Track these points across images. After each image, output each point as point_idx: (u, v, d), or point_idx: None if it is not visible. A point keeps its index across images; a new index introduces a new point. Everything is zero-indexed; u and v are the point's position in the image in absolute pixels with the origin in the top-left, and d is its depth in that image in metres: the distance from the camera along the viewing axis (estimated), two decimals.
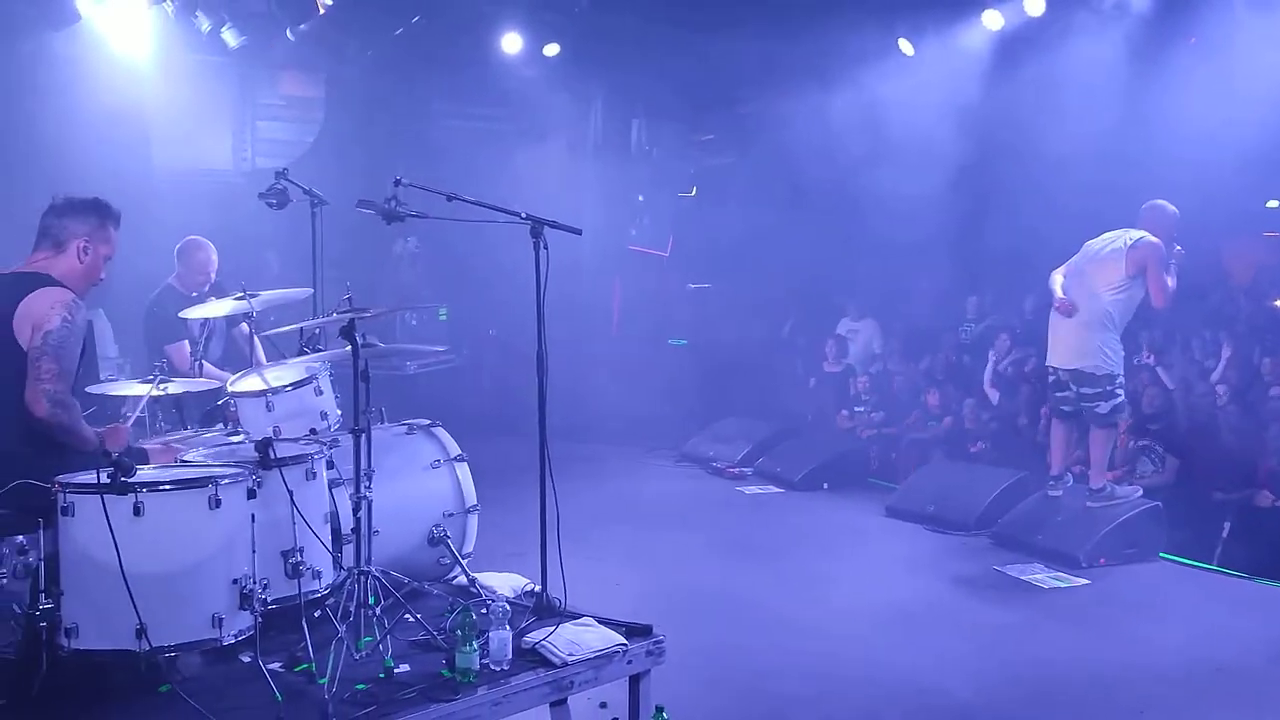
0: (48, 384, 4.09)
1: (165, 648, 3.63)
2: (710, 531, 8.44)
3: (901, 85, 10.61)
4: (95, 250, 4.40)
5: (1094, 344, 7.49)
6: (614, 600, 5.92)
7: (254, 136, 11.97)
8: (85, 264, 4.38)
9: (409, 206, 4.67)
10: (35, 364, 4.09)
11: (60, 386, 4.12)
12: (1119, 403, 7.58)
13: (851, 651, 5.78)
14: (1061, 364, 7.71)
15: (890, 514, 8.85)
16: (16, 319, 4.12)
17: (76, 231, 4.36)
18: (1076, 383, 7.61)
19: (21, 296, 4.15)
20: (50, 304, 4.16)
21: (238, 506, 3.84)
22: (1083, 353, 7.54)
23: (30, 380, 4.09)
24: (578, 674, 4.14)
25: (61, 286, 4.26)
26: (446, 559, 5.06)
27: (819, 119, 10.72)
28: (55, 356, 4.12)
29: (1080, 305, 7.53)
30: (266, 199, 5.91)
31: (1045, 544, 7.53)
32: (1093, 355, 7.50)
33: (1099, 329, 7.48)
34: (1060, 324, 7.69)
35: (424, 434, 5.29)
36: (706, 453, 11.10)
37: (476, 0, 11.07)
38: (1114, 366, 7.52)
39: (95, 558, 3.57)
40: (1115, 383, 7.53)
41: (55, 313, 4.15)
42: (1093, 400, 7.54)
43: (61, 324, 4.14)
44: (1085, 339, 7.53)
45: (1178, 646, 5.91)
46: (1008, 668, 5.61)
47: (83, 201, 4.43)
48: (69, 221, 4.37)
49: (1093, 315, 7.49)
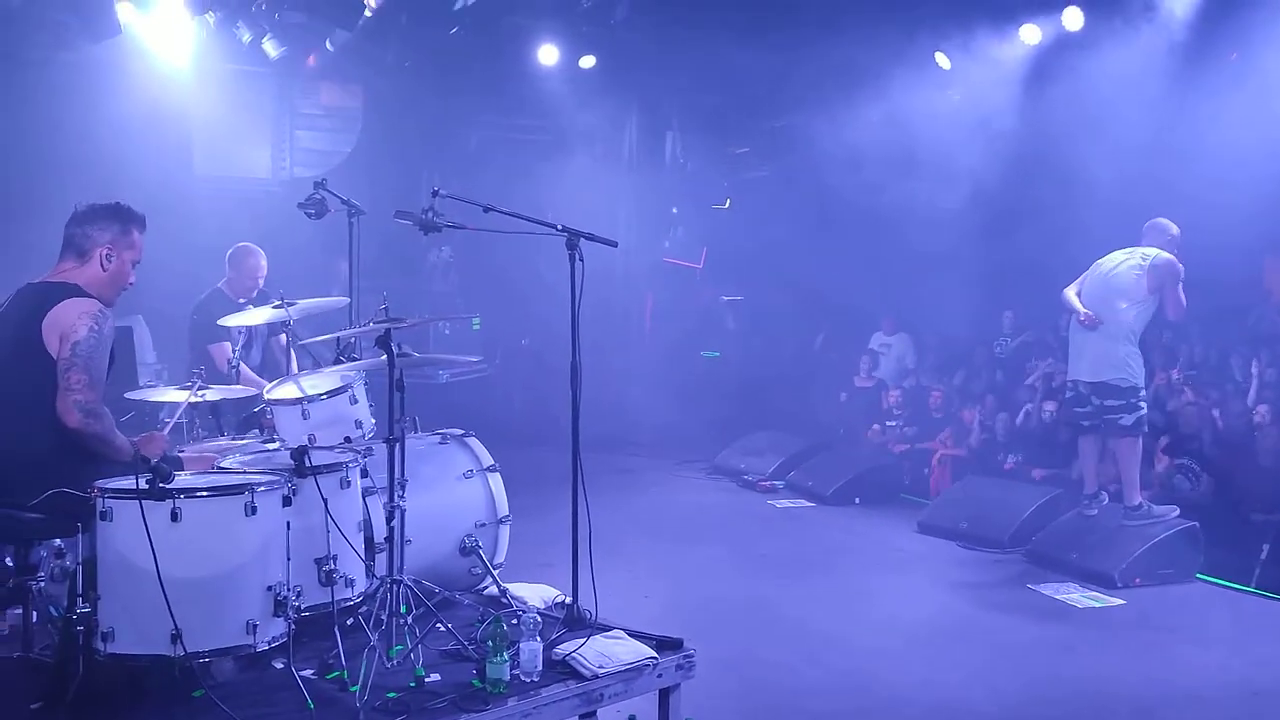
0: (78, 394, 4.11)
1: (200, 653, 3.64)
2: (741, 545, 8.42)
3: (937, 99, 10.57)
4: (119, 256, 4.38)
5: (1119, 356, 7.54)
6: (643, 612, 5.93)
7: (293, 146, 12.09)
8: (110, 271, 4.36)
9: (445, 217, 4.69)
10: (65, 375, 4.11)
11: (91, 396, 4.14)
12: (1142, 415, 7.58)
13: (884, 669, 5.73)
14: (1087, 377, 7.71)
15: (922, 530, 8.79)
16: (45, 329, 4.14)
17: (99, 239, 4.35)
18: (1099, 395, 7.62)
19: (49, 307, 4.17)
20: (77, 314, 4.17)
21: (273, 514, 3.86)
22: (1109, 365, 7.57)
23: (61, 391, 4.11)
24: (608, 687, 4.13)
25: (89, 296, 4.25)
26: (478, 569, 5.08)
27: (853, 132, 10.68)
28: (84, 367, 4.13)
29: (1104, 319, 7.55)
30: (305, 209, 5.96)
31: (1080, 563, 7.46)
32: (1118, 367, 7.54)
33: (1123, 341, 7.54)
34: (1084, 338, 7.73)
35: (457, 444, 5.31)
36: (738, 465, 11.08)
37: (513, 13, 11.13)
38: (1137, 379, 7.57)
39: (132, 563, 3.59)
40: (1139, 395, 7.57)
41: (82, 323, 4.15)
42: (1116, 412, 7.54)
43: (89, 334, 4.15)
44: (1110, 351, 7.57)
45: (1214, 669, 5.83)
46: (1041, 688, 5.54)
47: (104, 208, 4.41)
48: (91, 229, 4.35)
49: (1117, 329, 7.54)
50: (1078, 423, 7.88)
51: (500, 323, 13.30)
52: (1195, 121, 8.86)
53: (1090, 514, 7.81)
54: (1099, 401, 7.63)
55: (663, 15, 10.77)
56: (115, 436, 4.18)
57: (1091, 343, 7.67)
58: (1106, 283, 7.67)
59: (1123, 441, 7.60)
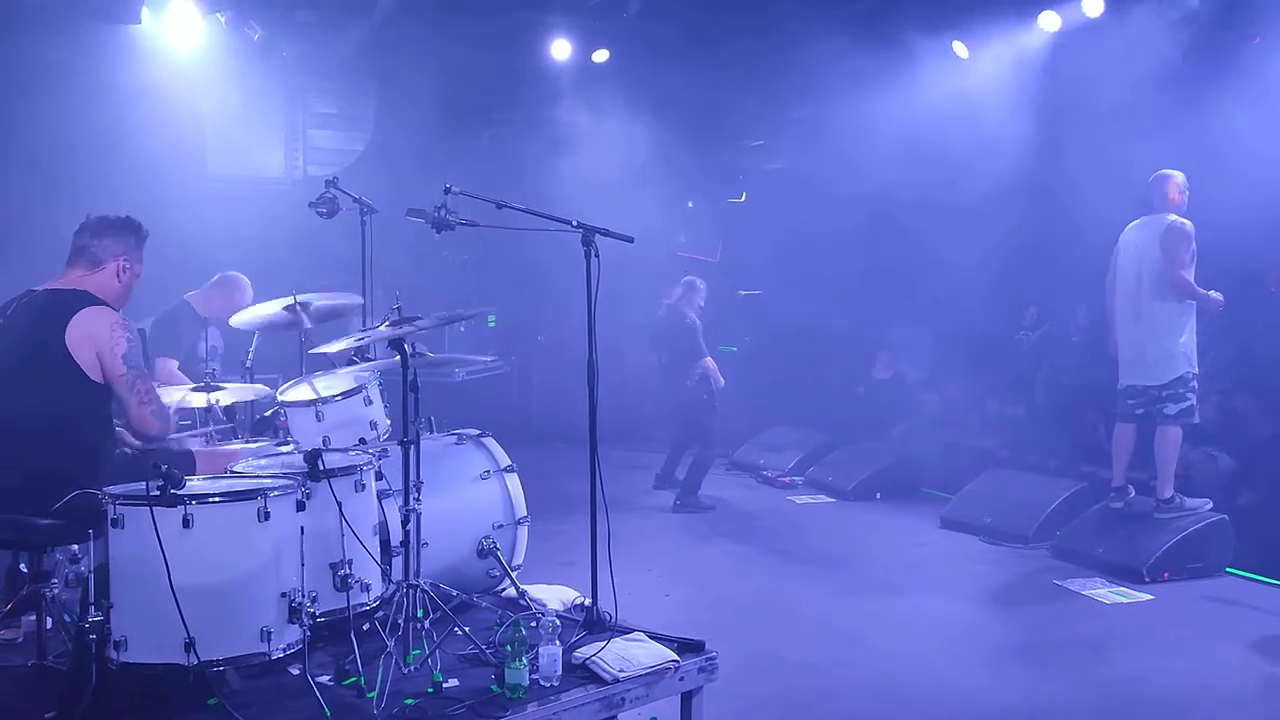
0: (152, 404, 4.30)
1: (214, 662, 3.60)
2: (761, 542, 8.35)
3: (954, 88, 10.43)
4: (132, 269, 4.51)
5: (1163, 352, 7.40)
6: (664, 612, 5.88)
7: (305, 145, 12.05)
8: (124, 283, 4.49)
9: (459, 214, 4.63)
10: (132, 389, 4.25)
11: (160, 403, 4.36)
12: (1187, 406, 7.39)
13: (908, 668, 5.64)
14: (1135, 381, 7.58)
15: (945, 525, 8.70)
16: (71, 338, 4.18)
17: (115, 251, 4.46)
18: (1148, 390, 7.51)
19: (69, 315, 4.20)
20: (109, 325, 4.24)
21: (287, 519, 3.81)
22: (1155, 366, 7.43)
23: (136, 406, 4.27)
24: (629, 691, 4.06)
25: (104, 304, 4.33)
26: (496, 571, 5.02)
27: (870, 124, 10.56)
28: (140, 374, 4.29)
29: (1142, 314, 7.43)
30: (316, 208, 5.90)
31: (1106, 557, 7.36)
32: (1162, 364, 7.39)
33: (1167, 336, 7.38)
34: (1129, 336, 7.57)
35: (473, 444, 5.25)
36: (757, 461, 11.01)
37: (526, 7, 11.05)
38: (1183, 369, 7.37)
39: (144, 570, 3.54)
40: (1186, 385, 7.38)
41: (119, 333, 4.24)
42: (1162, 401, 7.40)
43: (129, 344, 4.26)
44: (1153, 349, 7.43)
45: (1246, 664, 5.73)
46: (1069, 687, 5.43)
47: (118, 221, 4.51)
48: (107, 241, 4.45)
49: (1154, 322, 7.41)
50: (1131, 412, 7.65)
51: (517, 319, 13.24)
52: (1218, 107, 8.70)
53: (1116, 506, 7.69)
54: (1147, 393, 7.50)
55: (676, 7, 10.67)
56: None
57: (1135, 342, 7.53)
58: (1135, 271, 7.51)
59: (1165, 431, 7.43)
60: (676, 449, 10.10)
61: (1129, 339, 7.60)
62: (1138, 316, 7.50)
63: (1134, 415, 7.63)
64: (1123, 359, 7.70)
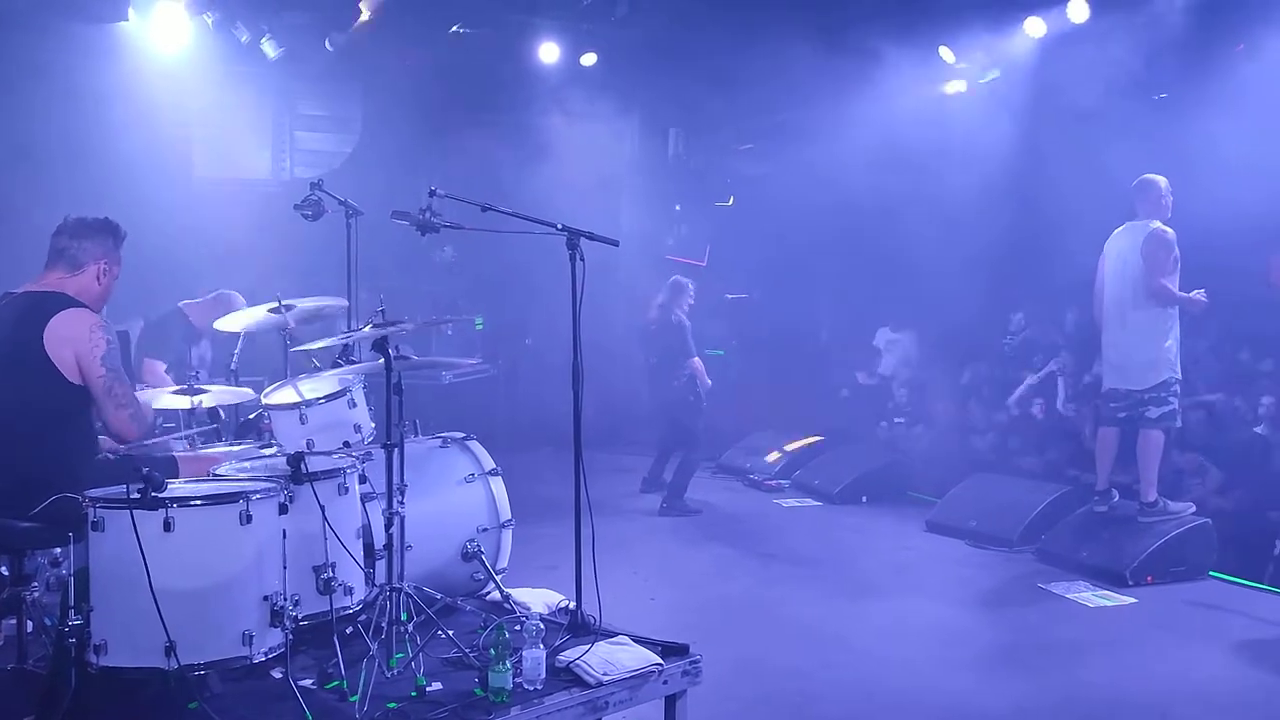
0: (130, 407, 4.28)
1: (195, 666, 3.58)
2: (747, 545, 8.36)
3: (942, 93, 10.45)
4: (112, 271, 4.48)
5: (1148, 358, 7.42)
6: (649, 615, 5.87)
7: (293, 147, 12.03)
8: (104, 285, 4.46)
9: (444, 217, 4.62)
10: (109, 391, 4.22)
11: (136, 406, 4.32)
12: (1169, 410, 7.43)
13: (893, 671, 5.65)
14: (1118, 384, 7.61)
15: (931, 529, 8.72)
16: (49, 340, 4.15)
17: (95, 254, 4.42)
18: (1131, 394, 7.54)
19: (48, 317, 4.18)
20: (88, 327, 4.22)
21: (269, 522, 3.79)
22: (1138, 371, 7.46)
23: (113, 409, 4.24)
24: (612, 694, 4.06)
25: (84, 306, 4.30)
26: (480, 574, 5.01)
27: (858, 128, 10.59)
28: (118, 376, 4.26)
29: (1127, 320, 7.45)
30: (301, 210, 5.87)
31: (1090, 561, 7.38)
32: (1147, 369, 7.42)
33: (1152, 340, 7.41)
34: (1114, 340, 7.61)
35: (458, 447, 5.24)
36: (743, 464, 11.01)
37: (514, 10, 11.05)
38: (1167, 374, 7.41)
39: (125, 574, 3.52)
40: (1169, 390, 7.42)
41: (98, 335, 4.22)
42: (1144, 405, 7.44)
43: (108, 346, 4.24)
44: (1137, 354, 7.46)
45: (1228, 668, 5.76)
46: (1052, 689, 5.45)
47: (96, 223, 4.47)
48: (88, 244, 4.42)
49: (1138, 327, 7.43)
50: (1114, 416, 7.68)
51: (503, 322, 13.22)
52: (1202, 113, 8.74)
53: (1100, 510, 7.72)
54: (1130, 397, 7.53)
55: (663, 11, 10.69)
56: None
57: (1120, 347, 7.58)
58: (1120, 278, 7.54)
59: (1148, 435, 7.45)
60: (664, 452, 10.11)
61: (1114, 344, 7.65)
62: (1123, 322, 7.54)
63: (1116, 419, 7.66)
64: (1107, 363, 7.76)
